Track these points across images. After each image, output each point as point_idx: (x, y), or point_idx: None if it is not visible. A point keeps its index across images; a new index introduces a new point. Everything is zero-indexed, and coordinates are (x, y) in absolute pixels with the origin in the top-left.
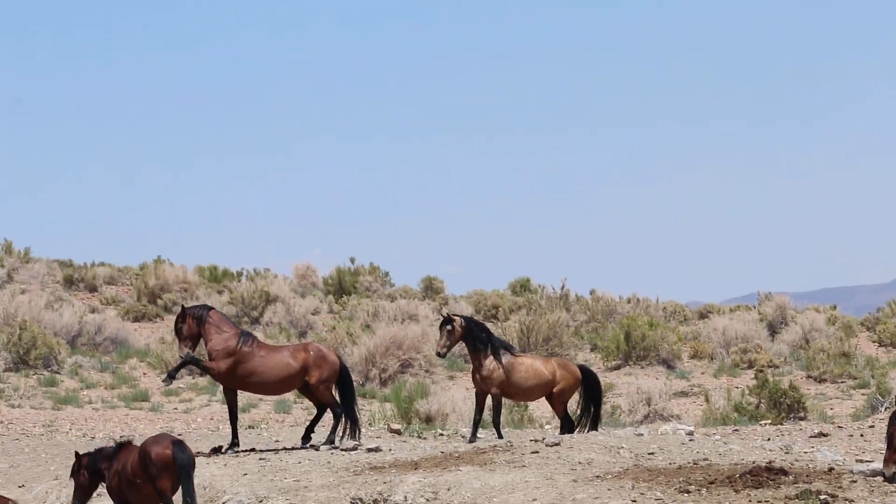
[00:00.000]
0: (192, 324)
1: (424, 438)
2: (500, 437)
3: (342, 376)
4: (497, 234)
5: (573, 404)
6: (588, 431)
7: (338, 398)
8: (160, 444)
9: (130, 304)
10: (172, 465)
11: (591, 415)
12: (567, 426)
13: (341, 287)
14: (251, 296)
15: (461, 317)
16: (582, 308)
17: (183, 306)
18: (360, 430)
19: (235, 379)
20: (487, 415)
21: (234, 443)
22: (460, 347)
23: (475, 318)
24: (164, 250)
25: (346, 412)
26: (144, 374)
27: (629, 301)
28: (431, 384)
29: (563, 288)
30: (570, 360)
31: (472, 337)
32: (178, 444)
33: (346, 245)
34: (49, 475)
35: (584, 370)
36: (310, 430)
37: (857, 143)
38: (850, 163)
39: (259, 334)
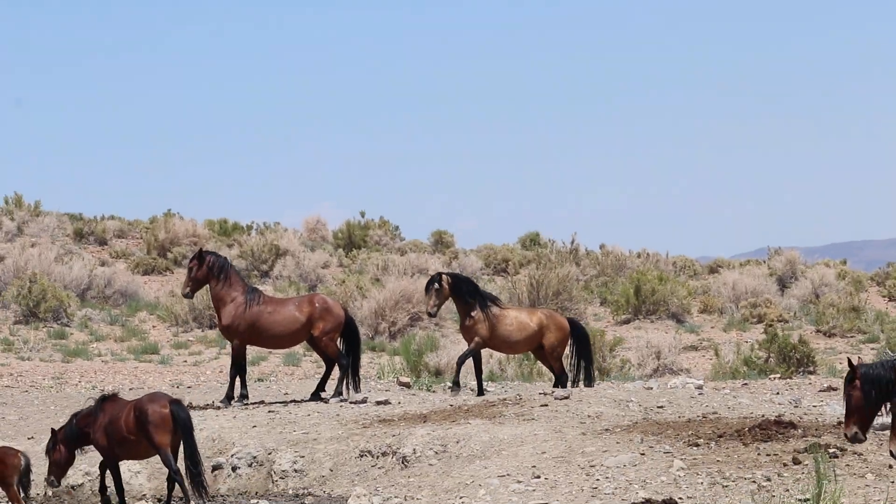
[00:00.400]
0: (204, 270)
1: (433, 392)
2: (457, 385)
3: (348, 329)
4: (507, 189)
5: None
6: (582, 384)
7: (344, 349)
8: (157, 402)
9: (140, 258)
10: (171, 423)
11: (584, 371)
12: (561, 384)
13: (351, 241)
14: (261, 249)
15: (448, 273)
16: (592, 262)
17: (201, 249)
18: (358, 382)
19: (244, 335)
20: (495, 369)
21: (243, 394)
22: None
23: (461, 273)
24: (174, 204)
25: (353, 364)
26: (154, 327)
27: (639, 256)
28: (441, 337)
29: (573, 242)
30: (580, 315)
31: (461, 292)
32: (176, 403)
33: (356, 199)
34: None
35: (573, 323)
36: (320, 387)
37: (868, 98)
38: (860, 117)
39: (268, 288)
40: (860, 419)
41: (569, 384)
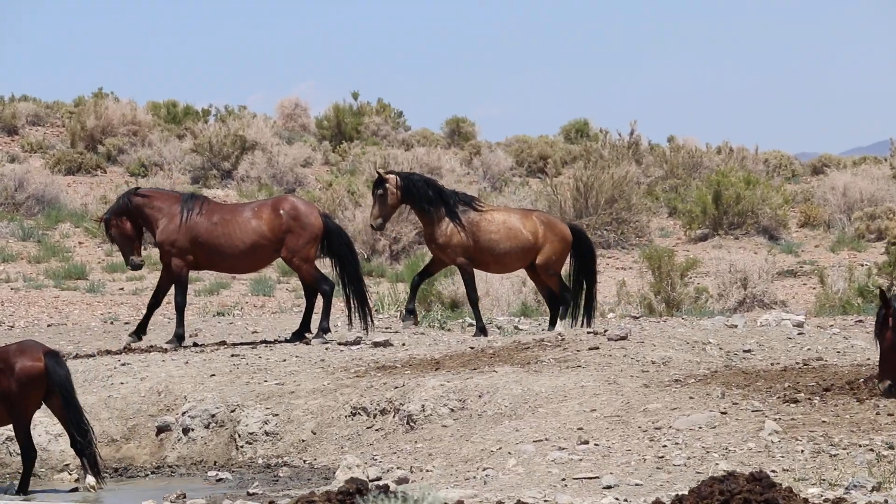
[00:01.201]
0: (123, 223)
1: (449, 330)
2: (482, 332)
3: (333, 241)
4: (546, 64)
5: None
6: (582, 320)
7: (338, 272)
8: (28, 355)
9: (62, 152)
10: (43, 382)
11: (584, 300)
12: (556, 305)
13: (340, 131)
14: (221, 142)
15: (396, 174)
16: (657, 160)
17: (104, 216)
18: (371, 317)
19: (185, 255)
20: (530, 300)
21: (179, 334)
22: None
23: (417, 171)
24: (106, 82)
25: (353, 290)
26: (81, 243)
27: (719, 151)
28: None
29: (632, 134)
30: (642, 229)
31: (415, 197)
32: (53, 356)
33: (346, 76)
34: None
35: (575, 230)
36: (304, 325)
37: None
38: None
39: (231, 193)
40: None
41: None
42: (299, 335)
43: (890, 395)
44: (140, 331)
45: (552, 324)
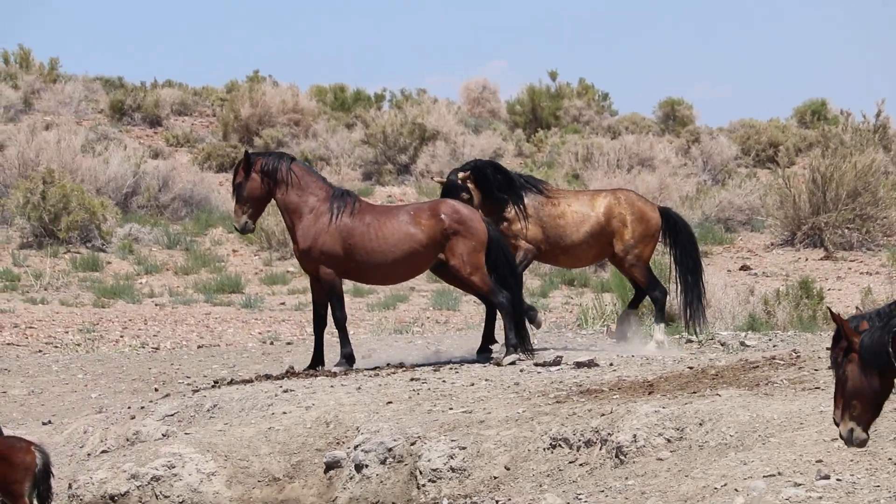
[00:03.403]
0: (258, 180)
1: (663, 346)
2: (532, 324)
3: (494, 250)
4: (775, 35)
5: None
6: (689, 318)
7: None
8: (19, 448)
9: (213, 146)
10: (33, 471)
11: (687, 290)
12: (656, 303)
13: (535, 117)
14: (397, 131)
15: (463, 168)
16: None
17: (246, 152)
18: (525, 336)
19: (332, 261)
20: (758, 311)
21: (347, 353)
22: None
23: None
24: (263, 63)
25: (511, 305)
26: (235, 251)
27: None
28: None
29: (878, 115)
30: (890, 226)
31: (486, 186)
32: (39, 449)
33: (542, 53)
34: (90, 406)
35: (664, 211)
36: (487, 338)
37: None
38: None
39: (409, 191)
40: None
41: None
42: (484, 351)
43: (851, 443)
44: (317, 362)
45: (632, 306)
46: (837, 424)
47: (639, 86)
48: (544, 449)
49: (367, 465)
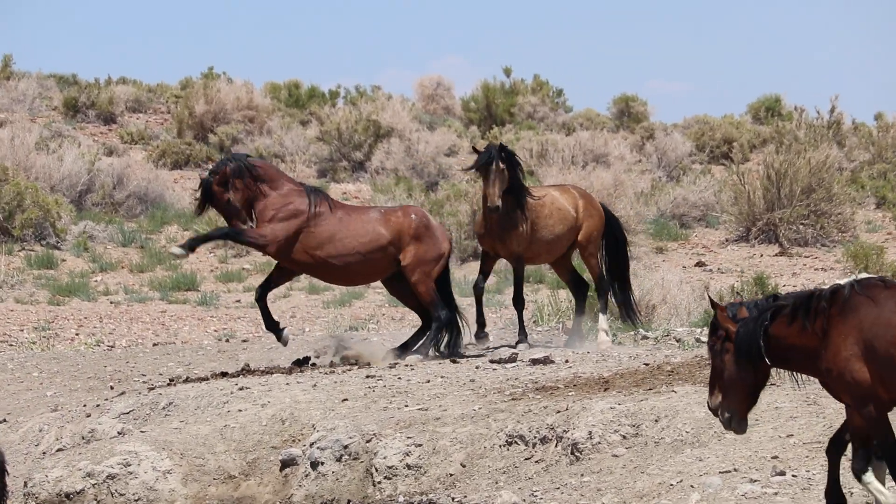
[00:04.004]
0: (240, 185)
1: (619, 343)
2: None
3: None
4: (729, 29)
5: None
6: (626, 315)
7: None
8: None
9: (167, 143)
10: None
11: (618, 286)
12: (583, 293)
13: (490, 114)
14: (352, 129)
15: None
16: (863, 142)
17: (205, 177)
18: (459, 342)
19: (296, 252)
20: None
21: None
22: None
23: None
24: (218, 60)
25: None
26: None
27: None
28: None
29: (832, 111)
30: (845, 223)
31: (514, 175)
32: None
33: (497, 49)
34: (45, 404)
35: (604, 208)
36: (417, 343)
37: None
38: None
39: (365, 188)
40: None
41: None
42: (417, 349)
43: (729, 427)
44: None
45: (579, 312)
46: (711, 410)
47: (593, 82)
48: (500, 446)
49: (322, 463)
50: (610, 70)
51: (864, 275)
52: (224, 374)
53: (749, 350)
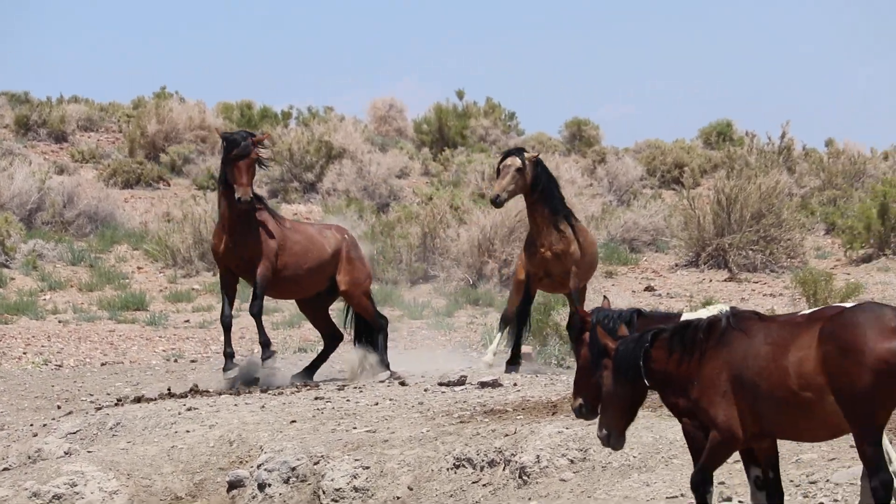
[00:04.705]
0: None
1: (568, 367)
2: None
3: None
4: (680, 55)
5: None
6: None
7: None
8: None
9: (119, 162)
10: None
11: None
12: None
13: (442, 136)
14: (304, 149)
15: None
16: (813, 168)
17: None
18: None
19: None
20: None
21: (228, 352)
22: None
23: None
24: (170, 79)
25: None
26: (140, 268)
27: (886, 157)
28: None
29: (783, 137)
30: (793, 248)
31: (546, 188)
32: None
33: (449, 72)
34: None
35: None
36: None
37: None
38: None
39: (316, 209)
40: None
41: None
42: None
43: (580, 415)
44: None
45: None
46: (574, 411)
47: (546, 106)
48: (448, 469)
49: (270, 485)
50: (562, 94)
51: (737, 307)
52: (172, 395)
53: (628, 370)
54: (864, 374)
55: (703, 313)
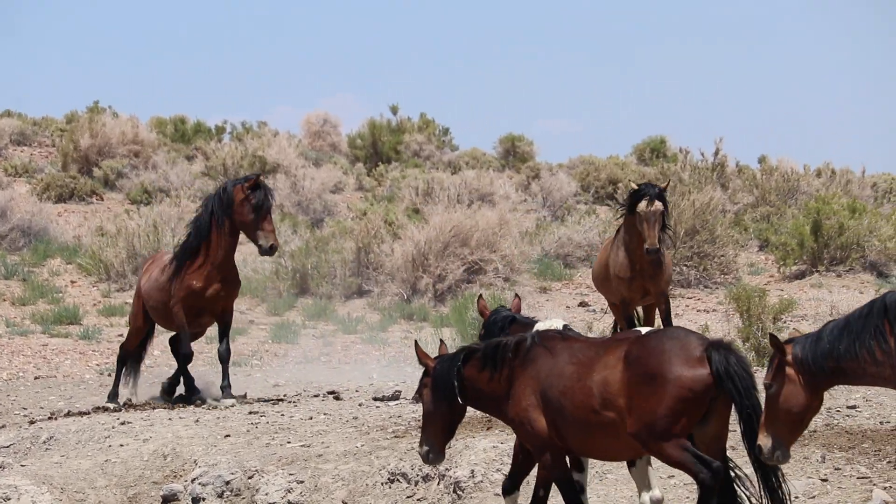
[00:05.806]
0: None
1: None
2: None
3: None
4: (614, 72)
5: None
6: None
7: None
8: None
9: (52, 176)
10: None
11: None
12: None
13: (376, 151)
14: (238, 164)
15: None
16: (746, 184)
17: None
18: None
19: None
20: None
21: (181, 384)
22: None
23: None
24: (103, 94)
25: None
26: (73, 282)
27: (819, 174)
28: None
29: (717, 154)
30: (727, 265)
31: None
32: None
33: (383, 87)
34: None
35: None
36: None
37: None
38: None
39: None
40: None
41: None
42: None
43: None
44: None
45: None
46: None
47: (480, 121)
48: (382, 483)
49: (204, 499)
50: (496, 109)
51: (545, 326)
52: (106, 409)
53: (444, 389)
54: (666, 400)
55: (552, 324)
